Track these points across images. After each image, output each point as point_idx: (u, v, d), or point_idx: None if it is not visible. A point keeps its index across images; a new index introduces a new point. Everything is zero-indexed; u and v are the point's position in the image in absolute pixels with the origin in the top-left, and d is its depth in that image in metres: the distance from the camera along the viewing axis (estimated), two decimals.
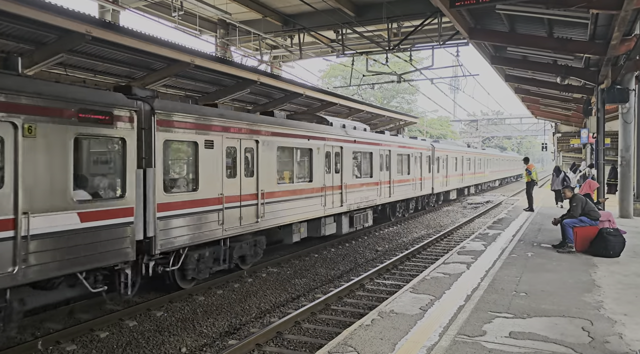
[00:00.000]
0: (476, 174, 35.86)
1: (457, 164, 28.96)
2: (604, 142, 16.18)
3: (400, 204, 20.44)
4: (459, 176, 29.92)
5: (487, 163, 39.64)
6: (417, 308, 6.65)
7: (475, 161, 35.60)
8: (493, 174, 42.89)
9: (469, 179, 32.73)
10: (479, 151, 39.67)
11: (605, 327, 5.84)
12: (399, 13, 17.98)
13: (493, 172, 42.82)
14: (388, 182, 18.18)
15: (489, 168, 40.80)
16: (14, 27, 9.14)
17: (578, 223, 10.51)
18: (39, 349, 6.88)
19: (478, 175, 37.04)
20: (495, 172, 43.53)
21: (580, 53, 13.58)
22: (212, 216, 9.47)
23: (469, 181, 32.81)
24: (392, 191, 18.62)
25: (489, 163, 40.40)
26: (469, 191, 34.69)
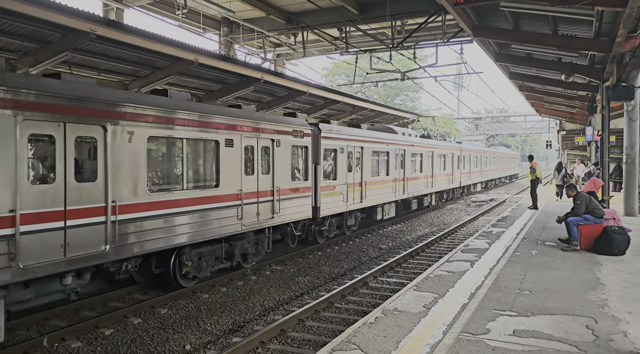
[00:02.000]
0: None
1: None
2: (608, 140, 16.12)
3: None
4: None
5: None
6: (420, 306, 6.65)
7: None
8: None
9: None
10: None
11: (610, 325, 5.83)
12: (403, 10, 17.93)
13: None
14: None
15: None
16: (19, 26, 9.17)
17: (582, 221, 10.48)
18: (45, 346, 6.92)
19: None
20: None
21: (585, 50, 13.51)
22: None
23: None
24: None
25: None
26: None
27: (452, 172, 26.51)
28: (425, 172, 21.95)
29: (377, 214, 17.68)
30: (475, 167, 33.45)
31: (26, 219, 6.38)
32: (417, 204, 21.45)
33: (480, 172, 35.28)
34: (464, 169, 29.58)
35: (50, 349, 6.91)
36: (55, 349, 6.94)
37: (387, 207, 18.59)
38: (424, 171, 21.88)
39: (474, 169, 32.95)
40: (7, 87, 6.21)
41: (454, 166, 26.86)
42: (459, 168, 28.26)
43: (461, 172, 28.74)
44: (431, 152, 22.90)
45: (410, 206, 20.80)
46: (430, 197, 23.46)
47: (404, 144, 19.58)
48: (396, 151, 18.67)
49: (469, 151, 31.24)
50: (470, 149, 32.22)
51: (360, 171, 16.00)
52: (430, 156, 22.74)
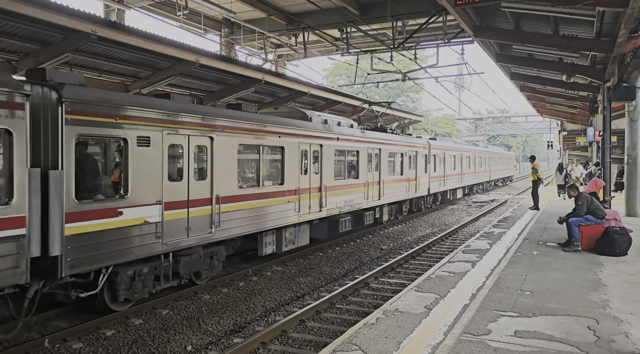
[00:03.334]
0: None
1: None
2: (610, 141, 16.10)
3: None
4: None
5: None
6: (422, 307, 6.65)
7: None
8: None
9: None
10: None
11: (611, 326, 5.82)
12: (404, 11, 17.94)
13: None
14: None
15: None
16: (20, 27, 9.19)
17: (584, 222, 10.47)
18: (46, 346, 6.92)
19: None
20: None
21: (586, 51, 13.49)
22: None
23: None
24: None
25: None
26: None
27: (414, 176, 20.31)
28: (364, 178, 15.75)
29: (260, 246, 11.19)
30: (453, 170, 27.13)
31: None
32: (351, 222, 15.03)
33: (460, 175, 28.79)
34: (435, 172, 23.46)
35: (51, 350, 6.91)
36: (56, 350, 6.94)
37: (288, 234, 12.02)
38: (362, 175, 15.65)
39: (451, 172, 26.79)
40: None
41: (417, 168, 20.67)
42: (427, 171, 22.22)
43: (430, 176, 22.66)
44: (375, 150, 16.74)
45: (338, 226, 14.18)
46: (378, 212, 17.29)
47: (319, 137, 13.15)
48: (302, 146, 12.38)
49: (443, 149, 25.37)
50: (445, 147, 26.18)
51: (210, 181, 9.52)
52: (373, 156, 16.52)
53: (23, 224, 6.19)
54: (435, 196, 24.97)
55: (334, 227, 14.12)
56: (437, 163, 23.94)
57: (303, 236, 12.75)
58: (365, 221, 16.08)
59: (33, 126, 6.38)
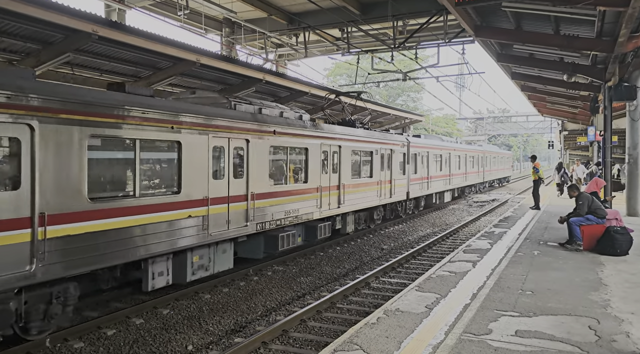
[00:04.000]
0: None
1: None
2: (611, 140, 16.09)
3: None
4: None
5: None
6: (422, 306, 6.65)
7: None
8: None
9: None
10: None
11: (612, 326, 5.82)
12: (405, 11, 17.94)
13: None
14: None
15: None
16: (21, 27, 9.21)
17: (584, 221, 10.47)
18: (47, 346, 6.94)
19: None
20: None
21: (587, 50, 13.49)
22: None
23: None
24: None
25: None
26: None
27: (388, 178, 17.65)
28: (316, 182, 12.84)
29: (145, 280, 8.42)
30: (439, 171, 24.35)
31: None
32: (297, 237, 12.26)
33: (447, 177, 25.84)
34: (415, 174, 20.67)
35: (52, 350, 6.92)
36: (57, 349, 6.95)
37: (196, 261, 9.29)
38: (314, 179, 12.74)
39: (437, 174, 23.91)
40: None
41: (393, 169, 18.01)
42: (406, 173, 19.47)
43: (409, 178, 19.87)
44: (334, 148, 13.75)
45: (276, 244, 11.26)
46: (340, 222, 14.67)
47: (245, 131, 10.23)
48: (215, 142, 9.39)
49: (426, 147, 22.31)
50: (429, 145, 23.09)
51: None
52: (330, 154, 13.64)
53: None
54: (417, 201, 22.03)
55: (271, 244, 11.25)
56: (418, 163, 21.08)
57: (222, 262, 9.96)
58: (318, 234, 12.94)
59: None
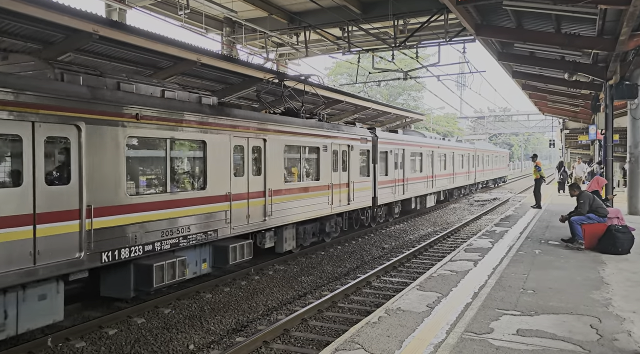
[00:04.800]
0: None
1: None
2: (612, 139, 16.07)
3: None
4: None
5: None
6: (424, 306, 6.64)
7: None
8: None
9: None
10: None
11: (614, 324, 5.81)
12: (405, 10, 17.93)
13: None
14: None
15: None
16: (22, 27, 9.21)
17: (586, 220, 10.45)
18: (49, 346, 6.94)
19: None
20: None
21: (589, 49, 13.47)
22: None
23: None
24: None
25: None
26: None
27: (344, 181, 14.43)
28: (224, 188, 9.72)
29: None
30: (419, 172, 20.99)
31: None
32: (209, 259, 9.73)
33: (429, 179, 22.30)
34: (386, 175, 17.56)
35: (54, 349, 6.93)
36: (59, 349, 6.96)
37: None
38: (219, 184, 9.68)
39: (415, 175, 20.56)
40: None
41: (351, 170, 14.83)
42: (371, 175, 16.41)
43: (377, 181, 16.68)
44: (256, 142, 10.74)
45: (150, 279, 7.97)
46: (271, 238, 11.62)
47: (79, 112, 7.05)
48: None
49: (400, 144, 18.84)
50: (403, 141, 19.28)
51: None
52: (248, 151, 10.52)
53: None
54: (390, 207, 18.79)
55: (141, 281, 8.02)
56: (390, 163, 18.02)
57: None
58: (230, 257, 9.64)
59: None
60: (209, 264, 9.72)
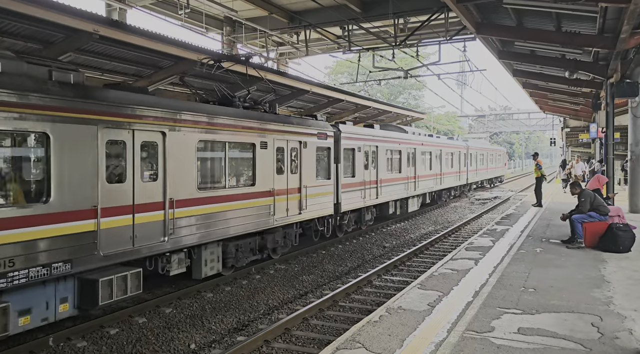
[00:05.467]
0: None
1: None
2: (613, 137, 16.05)
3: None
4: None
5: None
6: (425, 304, 6.64)
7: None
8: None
9: None
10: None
11: (615, 323, 5.81)
12: (406, 8, 17.91)
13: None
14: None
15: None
16: (22, 27, 9.21)
17: (587, 218, 10.44)
18: (50, 345, 6.96)
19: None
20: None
21: (589, 47, 13.44)
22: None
23: None
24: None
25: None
26: None
27: (295, 186, 12.13)
28: (84, 202, 7.05)
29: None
30: (396, 173, 18.40)
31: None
32: (74, 298, 7.12)
33: (412, 180, 19.89)
34: (353, 177, 15.13)
35: (55, 349, 6.94)
36: (60, 348, 6.97)
37: None
38: (63, 194, 6.75)
39: (392, 176, 17.99)
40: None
41: (303, 172, 12.45)
42: (332, 177, 13.94)
43: (340, 184, 14.21)
44: (140, 137, 8.03)
45: None
46: (178, 261, 8.93)
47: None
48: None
49: (371, 140, 16.28)
50: (375, 137, 16.70)
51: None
52: (132, 150, 7.92)
53: None
54: (359, 214, 15.90)
55: None
56: (359, 162, 15.31)
57: None
58: (101, 297, 7.11)
59: None
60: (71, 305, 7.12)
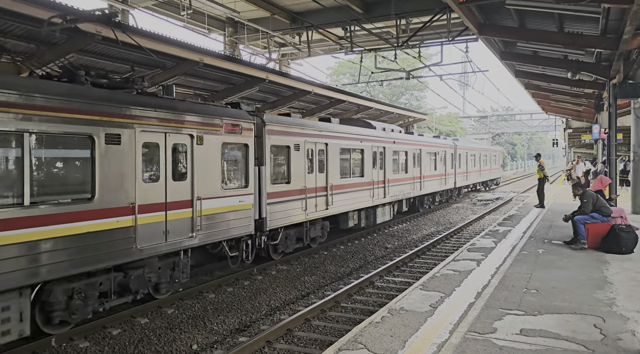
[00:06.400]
0: None
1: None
2: (615, 138, 16.01)
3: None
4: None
5: None
6: (427, 305, 6.64)
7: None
8: None
9: None
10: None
11: (618, 324, 5.79)
12: (408, 9, 17.92)
13: None
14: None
15: None
16: (25, 28, 9.23)
17: (589, 220, 10.42)
18: (53, 346, 6.97)
19: None
20: None
21: (592, 48, 13.41)
22: None
23: None
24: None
25: None
26: None
27: (184, 197, 8.87)
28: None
29: None
30: (344, 179, 14.33)
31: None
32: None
33: (371, 188, 15.95)
34: (288, 184, 11.83)
35: (58, 349, 6.96)
36: (63, 349, 6.98)
37: None
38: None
39: (349, 181, 14.58)
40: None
41: (196, 180, 9.09)
42: (251, 182, 10.55)
43: (262, 193, 10.89)
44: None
45: None
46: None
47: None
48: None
49: (304, 134, 12.47)
50: (309, 131, 12.73)
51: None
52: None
53: None
54: (299, 231, 12.58)
55: None
56: (294, 163, 11.96)
57: None
58: None
59: None
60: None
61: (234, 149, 10.27)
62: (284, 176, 11.86)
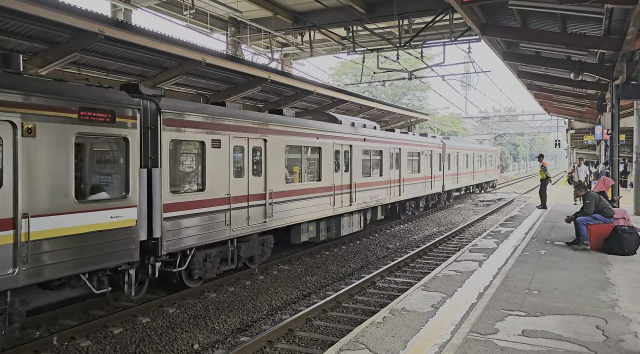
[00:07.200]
0: None
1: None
2: (618, 139, 15.98)
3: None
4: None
5: None
6: (428, 306, 6.63)
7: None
8: None
9: None
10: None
11: (620, 325, 5.78)
12: (410, 9, 17.90)
13: None
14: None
15: None
16: (28, 27, 9.26)
17: (592, 221, 10.41)
18: (54, 344, 6.97)
19: None
20: None
21: (595, 48, 13.39)
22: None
23: None
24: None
25: None
26: None
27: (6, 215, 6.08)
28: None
29: None
30: (289, 184, 11.82)
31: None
32: None
33: (332, 194, 13.55)
34: (202, 191, 9.18)
35: (60, 348, 6.96)
36: (64, 348, 6.99)
37: None
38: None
39: (295, 187, 12.00)
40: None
41: (20, 188, 6.14)
42: (136, 192, 7.74)
43: (155, 204, 8.11)
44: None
45: None
46: None
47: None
48: None
49: (231, 127, 9.80)
50: (239, 123, 10.04)
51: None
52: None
53: None
54: (217, 252, 9.74)
55: None
56: (210, 164, 9.31)
57: None
58: None
59: None
60: None
61: (101, 144, 7.56)
62: (196, 181, 9.26)
